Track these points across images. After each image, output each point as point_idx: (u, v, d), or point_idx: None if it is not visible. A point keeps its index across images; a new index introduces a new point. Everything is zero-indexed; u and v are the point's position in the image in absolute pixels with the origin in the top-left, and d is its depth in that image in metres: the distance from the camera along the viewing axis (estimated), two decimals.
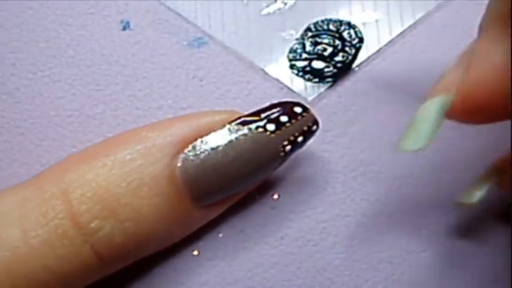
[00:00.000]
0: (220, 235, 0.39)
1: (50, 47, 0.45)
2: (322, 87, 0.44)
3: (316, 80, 0.44)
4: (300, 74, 0.44)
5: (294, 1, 0.46)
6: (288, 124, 0.37)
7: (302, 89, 0.44)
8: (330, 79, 0.44)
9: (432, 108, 0.34)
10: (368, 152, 0.42)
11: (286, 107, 0.38)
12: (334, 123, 0.42)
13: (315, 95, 0.43)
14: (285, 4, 0.46)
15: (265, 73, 0.44)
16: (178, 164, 0.35)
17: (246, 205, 0.40)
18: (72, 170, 0.35)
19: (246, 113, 0.38)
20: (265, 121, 0.37)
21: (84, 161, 0.35)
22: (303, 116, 0.38)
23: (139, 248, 0.36)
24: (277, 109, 0.38)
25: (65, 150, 0.42)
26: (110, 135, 0.39)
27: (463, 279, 0.39)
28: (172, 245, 0.38)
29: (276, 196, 0.40)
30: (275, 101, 0.39)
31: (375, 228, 0.40)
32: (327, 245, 0.39)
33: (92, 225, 0.33)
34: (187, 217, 0.37)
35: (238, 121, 0.37)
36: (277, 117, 0.37)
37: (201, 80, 0.44)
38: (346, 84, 0.44)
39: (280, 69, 0.44)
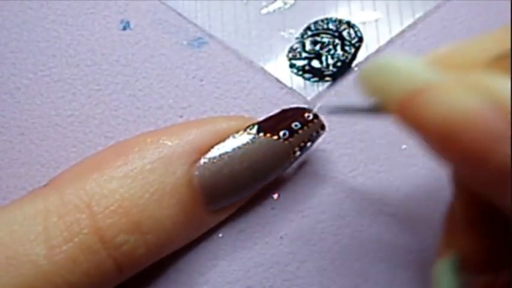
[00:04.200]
0: (220, 235, 0.39)
1: (50, 47, 0.44)
2: (322, 86, 0.43)
3: (316, 79, 0.43)
4: (300, 73, 0.43)
5: (293, 0, 0.46)
6: (300, 131, 0.37)
7: (302, 87, 0.43)
8: (329, 78, 0.43)
9: (445, 271, 0.33)
10: (368, 152, 0.41)
11: (298, 113, 0.38)
12: (334, 123, 0.41)
13: (315, 94, 0.43)
14: (285, 3, 0.46)
15: (265, 72, 0.43)
16: (196, 172, 0.35)
17: (246, 205, 0.39)
18: (93, 179, 0.34)
19: (260, 119, 0.38)
20: (278, 127, 0.37)
21: (103, 169, 0.34)
22: (313, 122, 0.38)
23: (158, 256, 0.36)
24: (290, 116, 0.38)
25: (65, 150, 0.41)
26: (110, 135, 0.39)
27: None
28: None
29: (276, 196, 0.40)
30: (285, 107, 0.39)
31: (375, 228, 0.39)
32: (326, 245, 0.39)
33: (117, 239, 0.33)
34: (200, 222, 0.37)
35: (254, 128, 0.37)
36: (289, 123, 0.38)
37: (201, 80, 0.43)
38: (346, 84, 0.43)
39: (279, 68, 0.44)
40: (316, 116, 0.38)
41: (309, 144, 0.38)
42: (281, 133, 0.37)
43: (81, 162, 0.36)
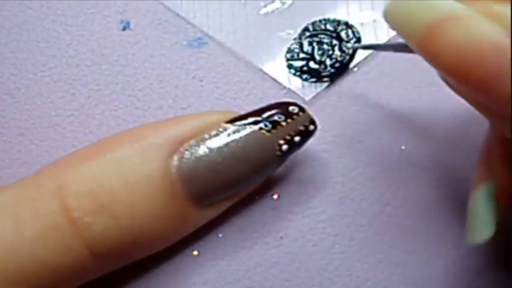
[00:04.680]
0: (220, 235, 0.39)
1: (50, 47, 0.44)
2: (320, 87, 0.43)
3: (314, 79, 0.43)
4: (298, 73, 0.43)
5: (292, 1, 0.46)
6: (283, 123, 0.37)
7: (300, 88, 0.43)
8: (327, 79, 0.43)
9: (482, 198, 0.33)
10: (367, 152, 0.41)
11: (282, 106, 0.38)
12: (334, 123, 0.42)
13: (313, 94, 0.43)
14: (283, 4, 0.46)
15: (265, 73, 0.43)
16: (174, 163, 0.35)
17: (246, 205, 0.39)
18: (69, 168, 0.34)
19: (242, 113, 0.38)
20: (260, 120, 0.37)
21: (80, 160, 0.35)
22: (298, 116, 0.37)
23: (135, 246, 0.35)
24: (273, 109, 0.38)
25: (65, 150, 0.41)
26: (110, 135, 0.39)
27: (463, 279, 0.38)
28: (173, 244, 0.38)
29: (276, 196, 0.40)
30: (272, 102, 0.39)
31: (375, 228, 0.39)
32: (326, 245, 0.39)
33: (85, 220, 0.33)
34: (185, 216, 0.36)
35: (234, 121, 0.37)
36: (273, 116, 0.37)
37: (201, 80, 0.43)
38: (346, 85, 0.43)
39: (277, 68, 0.44)
40: (302, 109, 0.38)
41: (297, 138, 0.37)
42: (262, 124, 0.36)
43: (64, 156, 0.37)
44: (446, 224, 0.39)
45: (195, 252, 0.38)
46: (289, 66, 0.43)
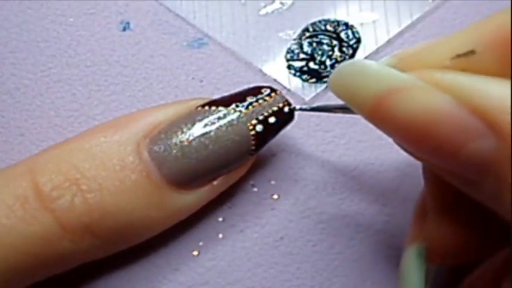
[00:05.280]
0: (220, 235, 0.39)
1: (50, 47, 0.44)
2: (320, 87, 0.43)
3: (314, 80, 0.43)
4: (297, 74, 0.43)
5: (291, 1, 0.45)
6: (255, 104, 0.37)
7: (299, 89, 0.43)
8: (327, 79, 0.43)
9: (411, 257, 0.34)
10: (367, 152, 0.41)
11: (255, 89, 0.38)
12: (334, 123, 0.41)
13: (313, 94, 0.43)
14: (283, 4, 0.45)
15: (265, 74, 0.43)
16: (146, 145, 0.35)
17: (246, 205, 0.39)
18: (43, 152, 0.36)
19: (215, 97, 0.38)
20: (232, 102, 0.37)
21: (55, 145, 0.36)
22: (271, 97, 0.38)
23: (107, 225, 0.35)
24: (245, 91, 0.38)
25: None
26: None
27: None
28: (172, 244, 0.38)
29: (275, 196, 0.40)
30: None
31: (375, 228, 0.39)
32: (326, 245, 0.39)
33: (53, 193, 0.33)
34: (164, 201, 0.36)
35: (206, 105, 0.37)
36: (245, 98, 0.37)
37: (201, 81, 0.43)
38: None
39: (277, 69, 0.43)
40: (274, 91, 0.38)
41: (272, 120, 0.37)
42: (233, 105, 0.37)
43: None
44: None
45: (195, 252, 0.38)
46: (289, 67, 0.43)
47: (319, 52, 0.44)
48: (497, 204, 0.28)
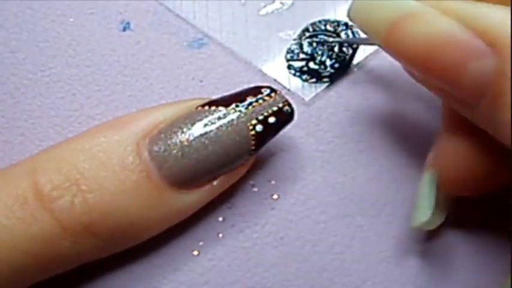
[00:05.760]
0: (220, 235, 0.39)
1: (50, 47, 0.44)
2: (320, 87, 0.43)
3: (314, 80, 0.43)
4: (297, 74, 0.43)
5: (291, 1, 0.45)
6: (255, 104, 0.37)
7: (299, 89, 0.43)
8: (327, 79, 0.43)
9: (425, 183, 0.36)
10: (367, 152, 0.41)
11: (255, 89, 0.38)
12: (334, 123, 0.41)
13: (313, 95, 0.43)
14: (283, 4, 0.45)
15: (265, 74, 0.43)
16: (146, 145, 0.35)
17: (246, 205, 0.39)
18: (43, 152, 0.36)
19: (215, 97, 0.38)
20: (232, 102, 0.37)
21: (55, 145, 0.36)
22: (271, 97, 0.38)
23: (107, 225, 0.35)
24: (245, 91, 0.38)
25: None
26: None
27: (463, 280, 0.38)
28: (172, 244, 0.38)
29: (275, 196, 0.40)
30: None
31: (375, 228, 0.39)
32: (326, 246, 0.39)
33: (53, 193, 0.33)
34: (163, 200, 0.36)
35: (206, 105, 0.37)
36: (245, 98, 0.37)
37: (201, 81, 0.43)
38: (346, 85, 0.43)
39: (277, 69, 0.43)
40: (274, 91, 0.38)
41: (272, 120, 0.37)
42: (233, 105, 0.37)
43: None
44: (447, 224, 0.38)
45: (195, 252, 0.38)
46: (289, 67, 0.43)
47: (319, 52, 0.43)
48: (495, 128, 0.30)
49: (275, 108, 0.37)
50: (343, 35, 0.44)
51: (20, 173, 0.34)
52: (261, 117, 0.37)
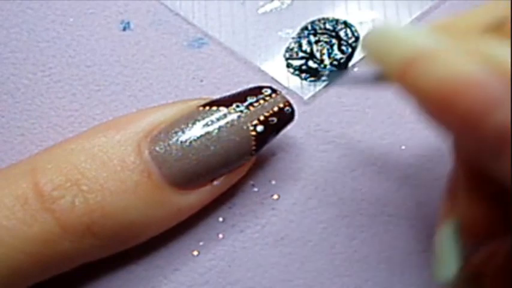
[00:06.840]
0: (220, 235, 0.39)
1: (50, 47, 0.44)
2: (319, 86, 0.43)
3: (313, 78, 0.43)
4: (296, 72, 0.43)
5: (290, 0, 0.45)
6: (256, 104, 0.37)
7: (298, 87, 0.43)
8: (326, 78, 0.43)
9: (446, 235, 0.33)
10: (368, 152, 0.41)
11: (255, 89, 0.38)
12: (334, 123, 0.41)
13: (311, 93, 0.42)
14: (282, 3, 0.45)
15: (264, 72, 0.43)
16: (146, 145, 0.35)
17: (246, 205, 0.39)
18: (43, 152, 0.36)
19: (215, 97, 0.38)
20: (233, 103, 0.37)
21: (55, 145, 0.36)
22: (271, 97, 0.37)
23: (107, 225, 0.35)
24: (246, 92, 0.38)
25: None
26: None
27: None
28: (172, 244, 0.38)
29: (276, 196, 0.39)
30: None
31: (375, 228, 0.39)
32: (326, 246, 0.38)
33: (54, 194, 0.33)
34: (164, 200, 0.36)
35: (207, 105, 0.37)
36: (246, 99, 0.37)
37: (201, 81, 0.43)
38: (343, 84, 0.43)
39: (277, 68, 0.43)
40: (275, 91, 0.38)
41: (273, 120, 0.37)
42: (234, 105, 0.36)
43: None
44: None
45: (195, 252, 0.38)
46: (288, 65, 0.43)
47: (318, 51, 0.43)
48: None
49: (276, 109, 0.37)
50: (342, 33, 0.44)
51: (20, 173, 0.34)
52: (261, 118, 0.37)
